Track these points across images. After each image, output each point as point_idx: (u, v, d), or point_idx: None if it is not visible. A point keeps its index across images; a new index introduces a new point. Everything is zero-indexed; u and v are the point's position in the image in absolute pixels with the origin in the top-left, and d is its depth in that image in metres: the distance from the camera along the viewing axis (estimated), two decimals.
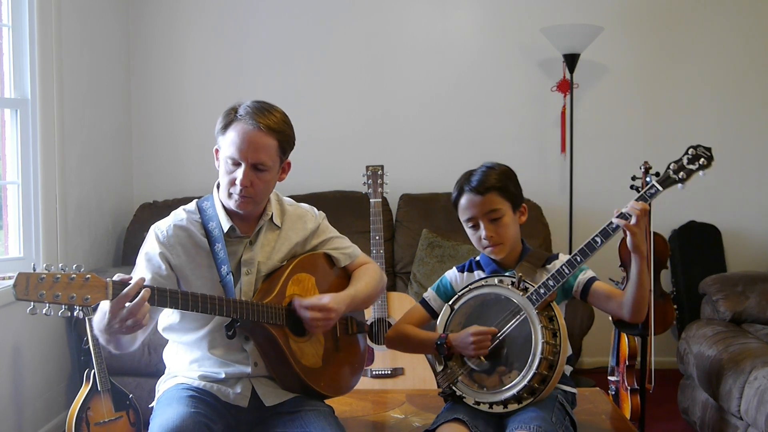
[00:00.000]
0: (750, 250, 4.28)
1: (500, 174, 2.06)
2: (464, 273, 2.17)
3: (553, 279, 1.93)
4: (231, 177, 1.92)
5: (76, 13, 3.62)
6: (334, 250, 2.17)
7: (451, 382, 2.01)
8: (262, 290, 1.96)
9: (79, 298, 1.57)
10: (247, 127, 1.89)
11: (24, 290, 1.53)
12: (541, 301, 1.92)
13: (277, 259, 2.04)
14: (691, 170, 1.90)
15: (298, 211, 2.14)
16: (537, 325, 1.91)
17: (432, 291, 2.19)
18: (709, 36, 4.30)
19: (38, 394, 3.26)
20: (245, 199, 1.92)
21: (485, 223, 2.03)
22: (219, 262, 1.93)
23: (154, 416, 1.88)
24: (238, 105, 1.94)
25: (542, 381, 1.90)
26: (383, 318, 3.12)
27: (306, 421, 1.90)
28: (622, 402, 3.20)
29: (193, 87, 4.34)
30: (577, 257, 1.92)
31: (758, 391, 2.47)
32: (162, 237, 1.95)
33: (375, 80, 4.36)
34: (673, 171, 1.91)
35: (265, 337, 1.92)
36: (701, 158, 1.91)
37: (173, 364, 2.06)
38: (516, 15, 4.31)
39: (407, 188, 4.17)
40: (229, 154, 1.90)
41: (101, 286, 1.61)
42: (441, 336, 2.03)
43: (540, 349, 1.88)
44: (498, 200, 2.03)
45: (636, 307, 1.94)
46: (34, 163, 3.27)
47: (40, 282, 1.54)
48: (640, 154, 3.54)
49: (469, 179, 2.06)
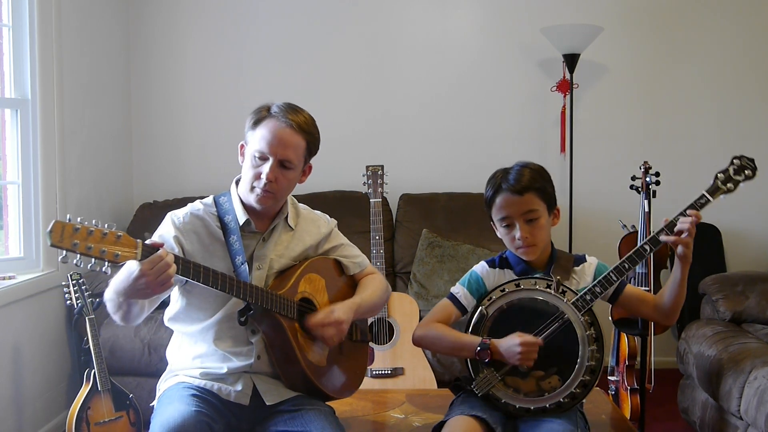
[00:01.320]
0: (750, 250, 4.29)
1: (537, 173, 2.01)
2: (495, 269, 2.08)
3: (600, 285, 1.94)
4: (257, 171, 1.96)
5: (76, 13, 3.62)
6: (345, 258, 2.21)
7: (489, 388, 1.96)
8: (274, 285, 1.99)
9: (110, 254, 1.58)
10: (279, 124, 1.95)
11: (60, 237, 1.52)
12: (587, 308, 1.92)
13: (289, 258, 2.07)
14: (738, 181, 2.01)
15: (312, 216, 2.19)
16: (583, 332, 1.90)
17: (462, 287, 2.08)
18: (709, 36, 4.30)
19: (38, 394, 3.26)
20: (267, 194, 1.96)
21: (521, 224, 1.98)
22: (234, 253, 1.96)
23: (155, 415, 1.88)
24: (271, 104, 2.00)
25: (584, 387, 1.91)
26: (383, 318, 3.12)
27: (306, 420, 1.91)
28: (622, 402, 3.20)
29: (193, 87, 4.34)
30: (626, 264, 1.94)
31: (758, 391, 2.47)
32: (178, 222, 1.99)
33: (375, 80, 4.36)
34: (721, 182, 2.01)
35: (275, 328, 1.94)
36: (746, 169, 2.02)
37: (176, 361, 2.06)
38: (516, 15, 4.32)
39: (407, 188, 4.17)
40: (258, 147, 1.95)
41: (132, 245, 1.63)
42: (483, 341, 1.94)
43: (586, 357, 1.89)
44: (536, 201, 1.98)
45: (674, 310, 2.00)
46: (34, 163, 3.27)
47: (75, 232, 1.54)
48: (639, 154, 3.55)
49: (507, 177, 1.99)
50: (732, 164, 2.02)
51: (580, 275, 2.04)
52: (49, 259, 3.32)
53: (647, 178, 3.07)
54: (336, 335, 1.99)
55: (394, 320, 3.13)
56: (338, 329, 1.99)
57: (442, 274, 3.73)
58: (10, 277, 3.14)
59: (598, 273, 2.03)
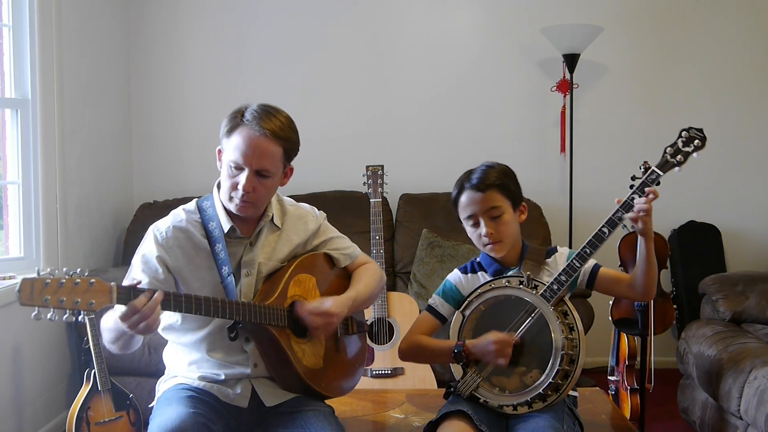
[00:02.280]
0: (750, 250, 4.29)
1: (500, 172, 2.07)
2: (468, 274, 2.13)
3: (565, 273, 1.94)
4: (233, 181, 1.90)
5: (76, 13, 3.62)
6: (335, 251, 2.16)
7: (472, 389, 1.98)
8: (263, 291, 1.96)
9: (83, 303, 1.56)
10: (253, 132, 1.86)
11: (29, 296, 1.51)
12: (555, 297, 1.92)
13: (277, 260, 2.03)
14: (687, 152, 1.98)
15: (298, 212, 2.13)
16: (554, 322, 1.91)
17: (438, 297, 2.14)
18: (709, 36, 4.30)
19: (38, 394, 3.26)
20: (246, 204, 1.91)
21: (486, 221, 2.02)
22: (220, 263, 1.93)
23: (153, 417, 1.88)
24: (245, 108, 1.92)
25: (565, 377, 1.90)
26: (383, 318, 3.12)
27: (306, 421, 1.90)
28: (622, 402, 3.20)
29: (193, 87, 4.34)
30: (587, 249, 1.94)
31: (758, 391, 2.47)
32: (161, 238, 1.94)
33: (375, 80, 4.36)
34: (670, 155, 1.98)
35: (267, 339, 1.92)
36: (695, 140, 1.98)
37: (173, 365, 2.06)
38: (516, 15, 4.32)
39: (407, 188, 4.17)
40: (233, 158, 1.88)
41: (106, 291, 1.60)
42: (458, 344, 1.99)
43: (561, 345, 1.89)
44: (498, 197, 2.03)
45: (648, 284, 1.99)
46: (34, 163, 3.27)
47: (45, 287, 1.52)
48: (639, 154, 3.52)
49: (470, 177, 2.06)
50: (680, 137, 2.00)
51: (552, 266, 2.06)
52: (49, 258, 3.32)
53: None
54: (323, 326, 1.93)
55: (394, 320, 3.13)
56: (327, 321, 1.93)
57: (442, 274, 3.72)
58: (10, 277, 3.13)
59: None
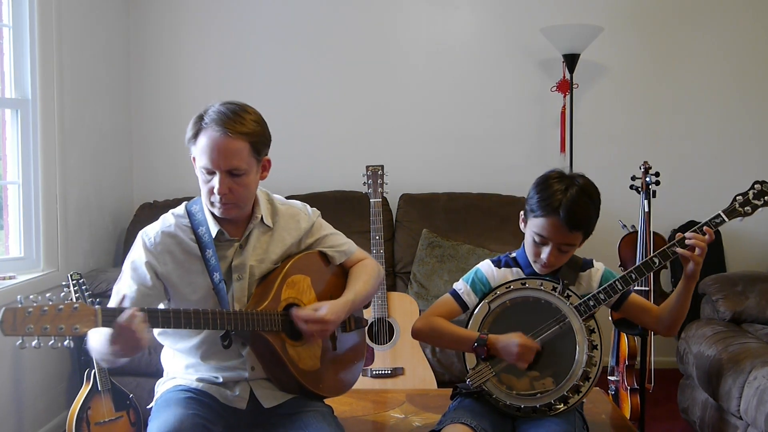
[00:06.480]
0: (750, 250, 4.28)
1: (594, 211, 1.96)
2: (501, 268, 2.07)
3: (605, 293, 1.94)
4: (209, 186, 1.87)
5: (76, 13, 3.62)
6: (329, 248, 2.12)
7: (482, 382, 1.97)
8: (257, 295, 1.93)
9: (68, 329, 1.54)
10: (215, 134, 1.83)
11: (12, 326, 1.47)
12: (588, 313, 1.92)
13: (270, 262, 2.00)
14: (756, 205, 2.01)
15: (290, 211, 2.08)
16: (583, 337, 1.90)
17: (465, 284, 2.07)
18: (709, 36, 4.30)
19: (38, 394, 3.26)
20: (227, 206, 1.88)
21: (554, 250, 1.94)
22: (211, 269, 1.90)
23: (152, 418, 1.87)
24: (205, 111, 1.89)
25: (576, 391, 1.91)
26: (383, 318, 3.12)
27: (305, 422, 1.90)
28: (622, 402, 3.20)
29: (193, 87, 4.34)
30: (633, 275, 1.94)
31: (758, 391, 2.47)
32: (149, 244, 1.91)
33: (375, 80, 4.36)
34: (739, 204, 2.01)
35: (262, 344, 1.90)
36: (767, 195, 2.00)
37: (170, 368, 2.05)
38: (516, 15, 4.32)
39: (407, 188, 4.16)
40: (202, 163, 1.86)
41: (90, 315, 1.58)
42: (481, 336, 1.95)
43: (583, 362, 1.89)
44: (579, 238, 1.96)
45: (675, 323, 2.00)
46: (34, 163, 3.27)
47: (28, 316, 1.49)
48: (639, 154, 3.54)
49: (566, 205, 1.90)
50: (752, 188, 2.01)
51: (586, 280, 2.04)
52: (49, 258, 3.32)
53: (647, 178, 3.08)
54: (318, 333, 1.91)
55: (394, 320, 3.13)
56: (322, 328, 1.90)
57: (442, 274, 3.73)
58: (11, 277, 3.13)
59: (604, 280, 2.02)
